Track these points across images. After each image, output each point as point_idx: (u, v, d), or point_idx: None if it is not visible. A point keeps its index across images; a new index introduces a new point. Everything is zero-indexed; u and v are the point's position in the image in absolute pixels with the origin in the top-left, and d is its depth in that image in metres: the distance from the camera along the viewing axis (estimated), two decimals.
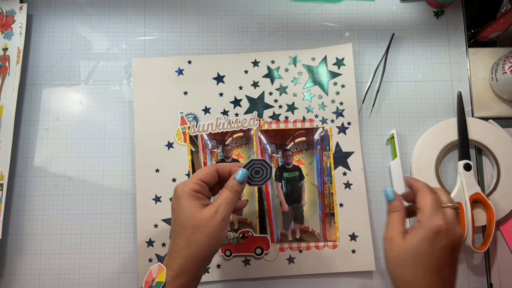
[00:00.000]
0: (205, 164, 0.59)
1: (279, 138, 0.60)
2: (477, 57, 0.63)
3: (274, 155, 0.59)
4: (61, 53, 0.62)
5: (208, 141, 0.59)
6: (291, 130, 0.60)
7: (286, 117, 0.60)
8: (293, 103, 0.61)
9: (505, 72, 0.57)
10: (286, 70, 0.61)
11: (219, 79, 0.61)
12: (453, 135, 0.59)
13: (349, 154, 0.59)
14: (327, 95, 0.61)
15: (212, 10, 0.64)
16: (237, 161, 0.59)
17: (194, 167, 0.59)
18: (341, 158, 0.59)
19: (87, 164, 0.60)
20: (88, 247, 0.58)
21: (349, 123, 0.60)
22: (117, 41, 0.63)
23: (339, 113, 0.60)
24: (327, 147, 0.60)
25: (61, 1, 0.64)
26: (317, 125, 0.60)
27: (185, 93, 0.60)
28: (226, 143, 0.59)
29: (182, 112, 0.60)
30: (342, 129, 0.60)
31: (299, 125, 0.60)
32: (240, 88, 0.61)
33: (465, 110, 0.59)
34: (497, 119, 0.60)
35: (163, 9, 0.64)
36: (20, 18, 0.61)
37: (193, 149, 0.59)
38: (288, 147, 0.59)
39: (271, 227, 0.58)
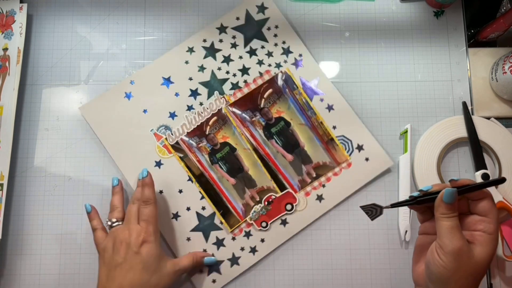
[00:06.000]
0: (199, 163, 0.59)
1: (250, 102, 0.60)
2: (477, 57, 0.63)
3: (254, 119, 0.60)
4: (61, 53, 0.62)
5: (191, 140, 0.59)
6: (255, 90, 0.61)
7: (245, 81, 0.61)
8: (243, 66, 0.61)
9: (505, 72, 0.57)
10: (220, 41, 0.62)
11: (167, 81, 0.61)
12: (454, 133, 0.59)
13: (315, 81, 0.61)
14: (267, 42, 0.62)
15: (212, 10, 0.64)
16: (227, 144, 0.59)
17: (191, 170, 0.59)
18: (310, 88, 0.61)
19: (87, 164, 0.60)
20: (88, 247, 0.58)
21: (300, 55, 0.61)
22: (117, 41, 0.63)
23: (286, 51, 0.61)
24: (294, 86, 0.61)
25: (61, 1, 0.64)
26: (274, 73, 0.61)
27: (144, 111, 0.60)
28: (207, 133, 0.60)
29: (152, 129, 0.60)
30: (296, 64, 0.61)
31: (259, 82, 0.61)
32: (190, 79, 0.61)
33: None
34: (497, 119, 0.60)
35: (163, 9, 0.64)
36: (20, 18, 0.61)
37: (181, 155, 0.59)
38: (262, 106, 0.60)
39: (287, 180, 0.59)
